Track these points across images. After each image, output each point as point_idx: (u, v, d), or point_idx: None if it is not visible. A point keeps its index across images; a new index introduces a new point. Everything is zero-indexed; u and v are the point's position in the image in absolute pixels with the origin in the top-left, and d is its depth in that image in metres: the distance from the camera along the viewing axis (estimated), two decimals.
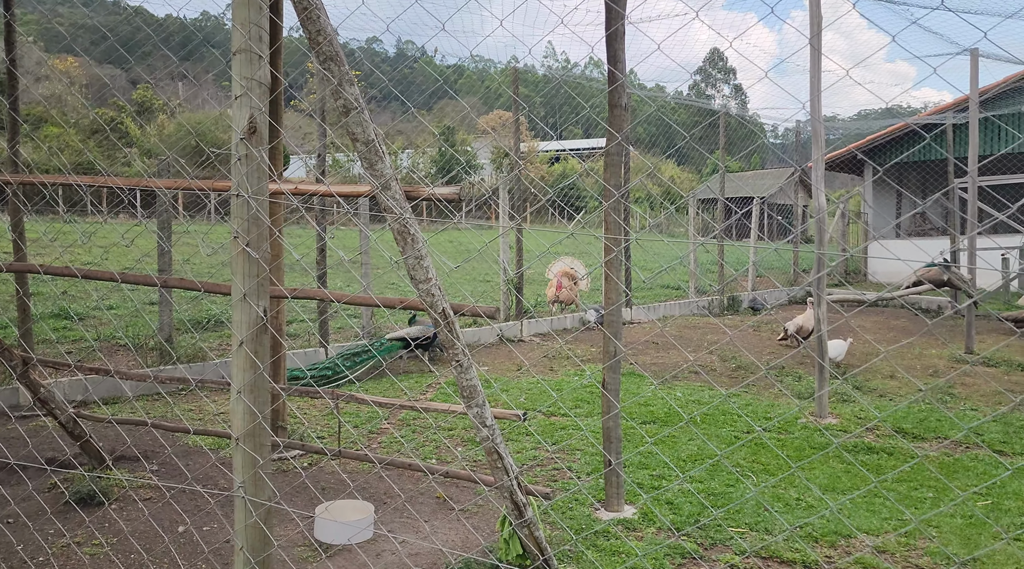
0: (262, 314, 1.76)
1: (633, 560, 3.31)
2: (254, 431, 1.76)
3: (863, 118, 26.86)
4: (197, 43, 33.77)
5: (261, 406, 1.76)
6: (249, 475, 1.75)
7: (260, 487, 1.76)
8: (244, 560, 1.76)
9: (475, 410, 2.76)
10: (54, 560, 3.12)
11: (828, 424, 5.48)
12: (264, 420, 1.77)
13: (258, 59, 1.75)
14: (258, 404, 1.76)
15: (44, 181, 3.39)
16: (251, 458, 1.75)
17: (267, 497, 1.76)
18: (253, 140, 1.74)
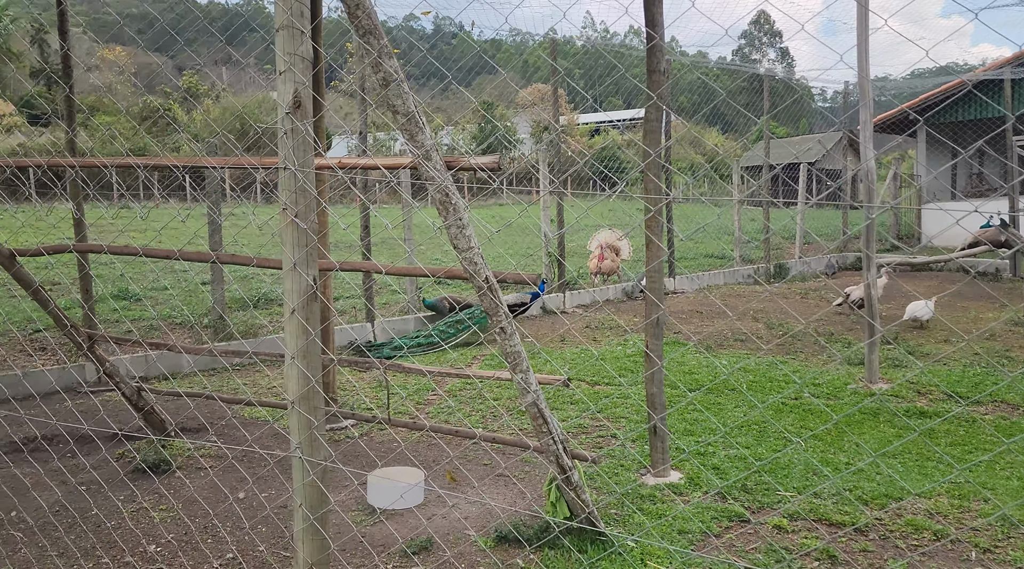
0: (312, 282, 1.83)
1: (680, 522, 3.35)
2: (308, 394, 1.84)
3: (917, 77, 25.88)
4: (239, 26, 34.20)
5: (314, 371, 1.84)
6: (305, 436, 1.83)
7: (315, 448, 1.84)
8: (303, 517, 1.84)
9: (520, 375, 2.81)
10: (129, 522, 3.30)
11: (879, 389, 5.41)
12: (317, 384, 1.85)
13: (300, 35, 1.80)
14: (311, 369, 1.83)
15: (104, 163, 3.53)
16: (306, 420, 1.83)
17: (322, 457, 1.85)
18: (298, 114, 1.80)
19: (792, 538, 3.25)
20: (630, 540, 3.18)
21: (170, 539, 3.16)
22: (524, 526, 3.21)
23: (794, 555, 3.10)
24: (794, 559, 3.07)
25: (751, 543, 3.21)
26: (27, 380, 5.03)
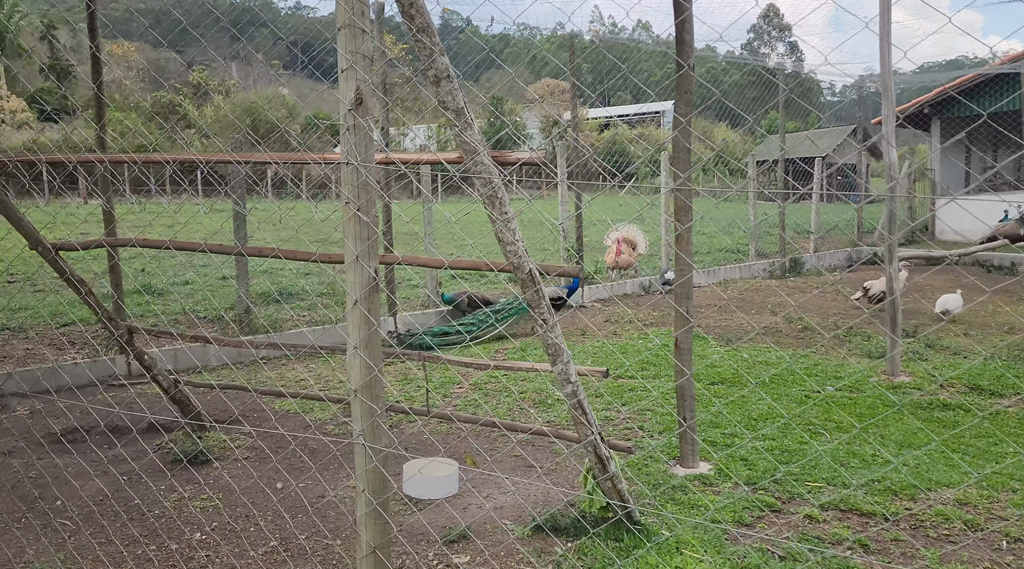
0: (373, 274, 1.88)
1: (713, 512, 3.40)
2: (371, 383, 1.89)
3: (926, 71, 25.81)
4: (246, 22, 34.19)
5: (376, 360, 1.89)
6: (368, 424, 1.88)
7: (378, 435, 1.89)
8: (366, 501, 1.90)
9: (560, 367, 2.86)
10: (167, 514, 3.37)
11: (901, 382, 5.43)
12: (380, 373, 1.90)
13: (362, 34, 1.84)
14: (373, 358, 1.89)
15: (134, 159, 3.58)
16: (369, 408, 1.88)
17: (384, 444, 1.90)
18: (360, 111, 1.84)
19: (824, 528, 3.29)
20: (664, 530, 3.23)
21: (212, 528, 3.23)
22: (560, 516, 3.27)
23: (827, 544, 3.14)
24: (827, 548, 3.11)
25: (783, 532, 3.26)
26: (60, 373, 5.11)
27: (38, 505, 3.44)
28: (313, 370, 5.97)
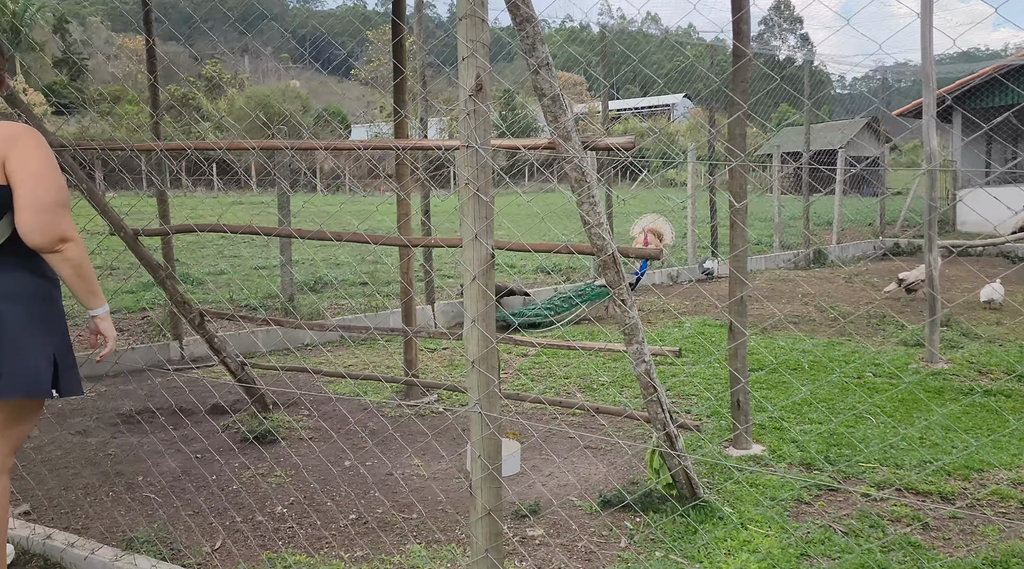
0: (491, 252, 1.98)
1: (772, 490, 3.50)
2: (487, 356, 2.00)
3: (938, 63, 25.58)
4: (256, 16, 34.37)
5: (491, 333, 2.00)
6: (484, 394, 1.99)
7: (492, 404, 2.00)
8: (482, 466, 2.01)
9: (635, 346, 2.97)
10: (243, 489, 3.49)
11: (940, 369, 5.51)
12: (495, 346, 2.01)
13: (481, 23, 1.94)
14: (489, 331, 1.99)
15: (196, 146, 3.70)
16: (485, 378, 1.99)
17: (499, 413, 2.01)
18: (480, 96, 1.94)
19: (881, 506, 3.38)
20: (727, 507, 3.33)
21: (291, 502, 3.36)
22: (626, 492, 3.37)
23: (887, 521, 3.24)
24: (888, 524, 3.21)
25: (842, 510, 3.35)
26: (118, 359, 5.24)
27: (120, 480, 3.57)
28: (359, 356, 6.10)
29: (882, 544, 3.03)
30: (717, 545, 2.98)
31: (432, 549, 2.91)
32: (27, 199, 2.13)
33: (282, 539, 3.00)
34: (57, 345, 2.25)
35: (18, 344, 2.15)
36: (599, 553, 2.92)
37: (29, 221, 2.13)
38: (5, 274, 2.18)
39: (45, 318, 2.24)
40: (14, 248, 2.18)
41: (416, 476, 3.70)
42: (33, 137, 2.18)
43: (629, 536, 3.06)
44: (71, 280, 2.23)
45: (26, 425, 2.31)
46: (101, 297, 2.34)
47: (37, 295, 2.24)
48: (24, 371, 2.15)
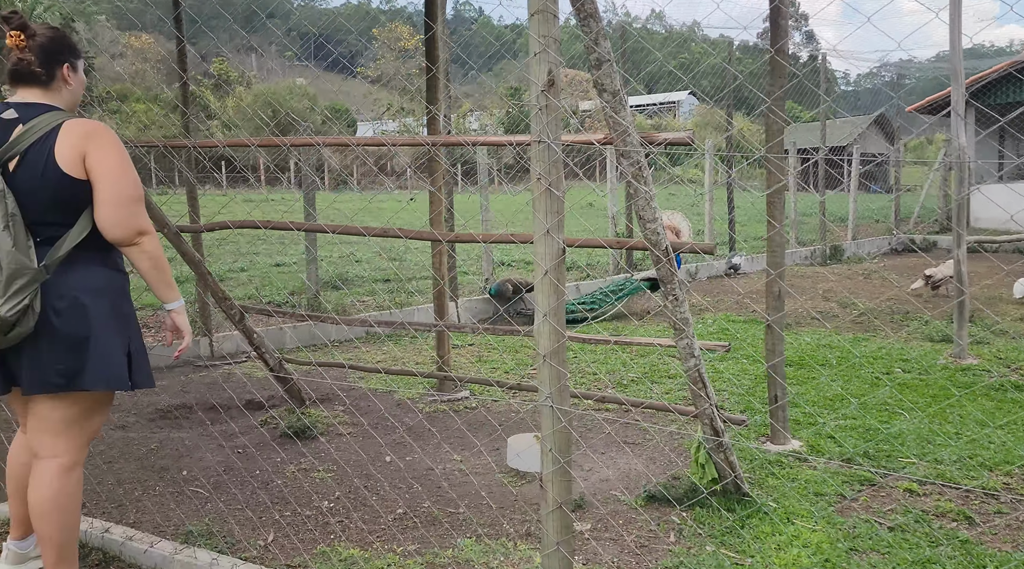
0: (562, 247, 1.99)
1: (814, 486, 3.51)
2: (558, 350, 2.01)
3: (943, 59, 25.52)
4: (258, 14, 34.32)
5: (562, 328, 2.01)
6: (555, 388, 2.00)
7: (563, 398, 2.01)
8: (553, 460, 2.02)
9: (685, 341, 2.98)
10: (288, 484, 3.51)
11: (969, 365, 5.51)
12: (565, 340, 2.02)
13: (553, 18, 1.95)
14: (560, 326, 2.00)
15: (230, 144, 3.72)
16: (557, 372, 2.00)
17: (569, 406, 2.02)
18: (552, 91, 1.95)
19: (924, 501, 3.39)
20: (771, 501, 3.34)
21: (337, 497, 3.37)
22: (671, 486, 3.38)
23: (931, 516, 3.24)
24: (932, 519, 3.21)
25: (886, 505, 3.35)
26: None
27: (166, 475, 3.59)
28: (387, 351, 6.12)
29: (929, 539, 3.03)
30: (766, 540, 2.99)
31: (483, 544, 2.93)
32: (107, 194, 2.15)
33: (333, 533, 3.02)
34: (132, 338, 2.27)
35: (102, 337, 2.17)
36: (650, 547, 2.93)
37: (110, 215, 2.16)
38: (88, 269, 2.21)
39: (123, 312, 2.27)
40: (94, 243, 2.20)
41: (457, 471, 3.72)
42: (108, 133, 2.20)
43: (678, 531, 3.07)
44: (148, 273, 2.25)
45: (100, 418, 2.33)
46: (176, 291, 2.36)
47: (117, 290, 2.27)
48: (107, 364, 2.17)
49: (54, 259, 2.16)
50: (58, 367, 2.15)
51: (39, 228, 2.18)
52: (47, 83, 2.25)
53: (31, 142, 2.15)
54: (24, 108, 2.21)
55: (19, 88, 2.26)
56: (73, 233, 2.19)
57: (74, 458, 2.26)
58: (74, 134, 2.17)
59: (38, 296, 2.12)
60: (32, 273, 2.10)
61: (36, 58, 2.21)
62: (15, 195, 2.13)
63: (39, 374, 2.15)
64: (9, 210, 2.11)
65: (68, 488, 2.24)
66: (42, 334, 2.14)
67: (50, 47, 2.24)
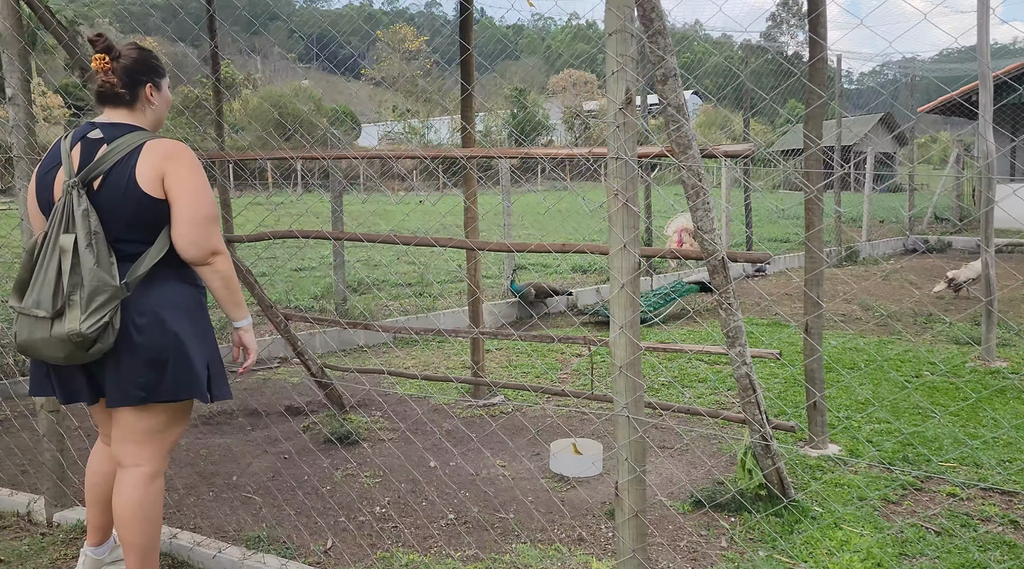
0: (638, 260, 2.03)
1: (858, 490, 3.54)
2: (634, 362, 2.05)
3: (945, 58, 25.55)
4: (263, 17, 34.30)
5: (637, 340, 2.05)
6: (632, 398, 2.04)
7: (639, 409, 2.05)
8: (629, 469, 2.06)
9: (737, 349, 3.01)
10: (337, 490, 3.56)
11: (998, 367, 5.53)
12: (640, 352, 2.06)
13: (630, 38, 1.99)
14: (635, 337, 2.04)
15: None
16: (633, 383, 2.04)
17: (645, 417, 2.06)
18: (629, 109, 1.99)
19: (969, 505, 3.42)
20: (817, 506, 3.38)
21: (388, 501, 3.42)
22: (718, 493, 3.42)
23: (976, 521, 3.27)
24: (978, 524, 3.24)
25: (930, 509, 3.39)
26: None
27: (216, 480, 3.64)
28: (415, 356, 6.16)
29: (977, 543, 3.06)
30: (816, 545, 3.03)
31: (538, 548, 2.97)
32: (185, 214, 2.20)
33: (389, 538, 3.06)
34: (210, 351, 2.32)
35: (184, 350, 2.21)
36: (703, 553, 2.97)
37: (187, 235, 2.20)
38: (167, 285, 2.25)
39: (201, 326, 2.31)
40: (172, 260, 2.25)
41: (500, 476, 3.76)
42: (188, 154, 2.25)
43: (728, 537, 3.11)
44: (219, 292, 2.29)
45: (180, 428, 2.38)
46: (245, 309, 2.40)
47: (196, 304, 2.32)
48: (187, 376, 2.22)
49: (135, 277, 2.20)
50: (139, 380, 2.19)
51: (120, 245, 2.22)
52: (131, 103, 2.30)
53: (114, 162, 2.19)
54: (109, 128, 2.26)
55: (105, 108, 2.31)
56: (153, 251, 2.23)
57: (156, 467, 2.31)
58: (155, 155, 2.21)
59: (118, 313, 2.16)
60: (112, 290, 2.14)
61: (120, 79, 2.26)
62: (98, 213, 2.18)
63: (121, 387, 2.20)
64: (92, 228, 2.16)
65: (151, 495, 2.29)
66: (123, 349, 2.18)
67: (133, 68, 2.28)
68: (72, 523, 2.97)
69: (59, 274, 2.14)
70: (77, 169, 2.21)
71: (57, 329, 2.11)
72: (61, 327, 2.11)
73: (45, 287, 2.14)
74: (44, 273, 2.16)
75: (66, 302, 2.12)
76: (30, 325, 2.15)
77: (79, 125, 2.31)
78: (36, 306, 2.13)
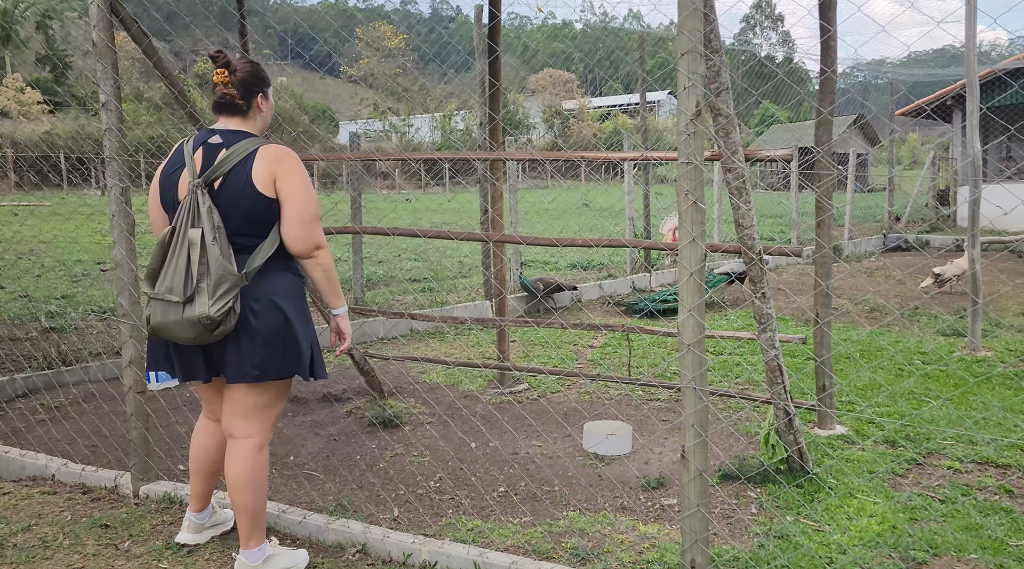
0: (705, 252, 2.33)
1: (867, 465, 3.88)
2: (699, 341, 2.35)
3: (913, 61, 26.20)
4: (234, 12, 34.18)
5: (703, 321, 2.35)
6: (698, 373, 2.33)
7: (703, 381, 2.35)
8: (695, 434, 2.36)
9: (767, 335, 3.33)
10: (390, 468, 3.82)
11: (984, 356, 5.93)
12: (704, 334, 2.35)
13: (700, 57, 2.28)
14: (701, 319, 2.34)
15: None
16: (699, 359, 2.34)
17: (709, 390, 2.36)
18: (699, 121, 2.29)
19: (968, 477, 3.77)
20: (832, 479, 3.71)
21: (440, 477, 3.69)
22: (744, 467, 3.73)
23: (975, 490, 3.62)
24: (977, 493, 3.59)
25: (933, 481, 3.73)
26: None
27: (277, 460, 3.88)
28: (434, 348, 6.42)
29: (978, 509, 3.41)
30: (836, 511, 3.35)
31: (588, 515, 3.26)
32: (294, 212, 2.45)
33: (449, 508, 3.33)
34: (312, 336, 2.58)
35: (294, 333, 2.47)
36: (736, 518, 3.28)
37: (295, 231, 2.46)
38: (277, 275, 2.51)
39: (305, 312, 2.57)
40: (281, 253, 2.50)
41: (539, 455, 4.04)
42: (294, 157, 2.50)
43: (758, 504, 3.43)
44: (321, 282, 2.55)
45: (282, 404, 2.63)
46: (343, 299, 2.67)
47: (300, 294, 2.58)
48: (295, 357, 2.48)
49: (252, 267, 2.45)
50: (254, 360, 2.45)
51: (237, 239, 2.47)
52: (245, 112, 2.55)
53: (233, 165, 2.44)
54: (227, 134, 2.51)
55: (221, 116, 2.55)
56: (267, 244, 2.49)
57: (264, 438, 2.56)
58: (268, 158, 2.47)
59: (238, 299, 2.42)
60: (235, 278, 2.39)
61: (238, 91, 2.50)
62: (219, 210, 2.43)
63: (241, 366, 2.45)
64: (216, 223, 2.41)
65: (260, 464, 2.54)
66: (242, 332, 2.44)
67: (249, 80, 2.53)
68: (159, 495, 3.20)
69: (188, 264, 2.38)
70: (200, 171, 2.45)
71: (188, 313, 2.36)
72: (192, 311, 2.35)
73: (176, 275, 2.38)
74: (175, 263, 2.40)
75: (196, 289, 2.37)
76: (163, 309, 2.39)
77: (198, 131, 2.55)
78: (169, 292, 2.38)
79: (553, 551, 2.88)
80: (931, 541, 3.06)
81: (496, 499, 3.45)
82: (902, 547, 2.97)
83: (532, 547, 2.90)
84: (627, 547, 2.95)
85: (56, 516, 3.07)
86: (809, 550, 2.94)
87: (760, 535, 3.10)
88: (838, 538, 3.07)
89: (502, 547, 2.88)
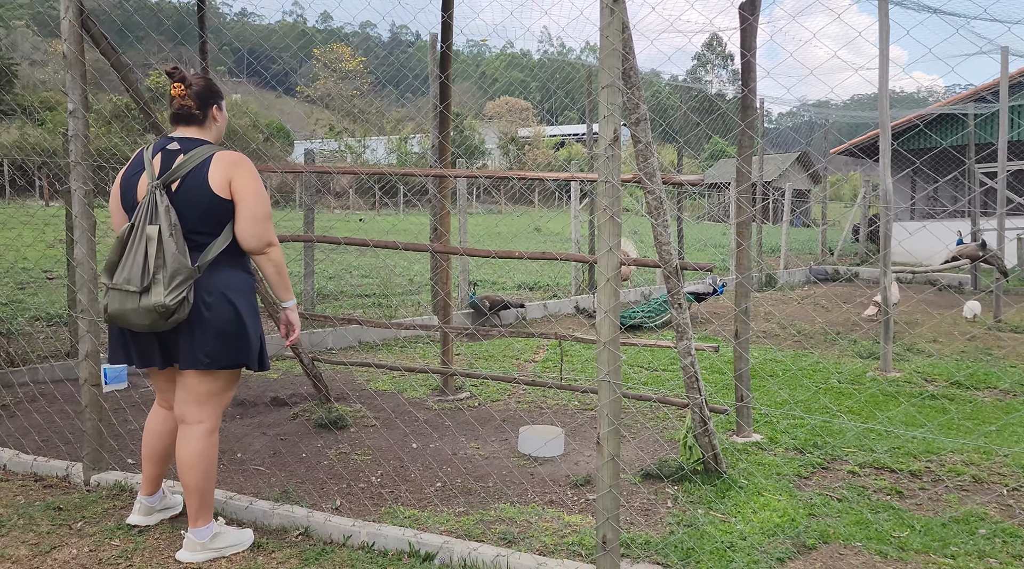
0: (620, 261, 2.65)
1: (776, 468, 4.24)
2: (614, 339, 2.66)
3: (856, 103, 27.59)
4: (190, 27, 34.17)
5: (617, 323, 2.66)
6: (612, 368, 2.64)
7: (617, 377, 2.66)
8: (608, 422, 2.66)
9: (684, 343, 3.67)
10: (336, 464, 4.02)
11: (894, 377, 6.41)
12: (619, 333, 2.67)
13: (617, 91, 2.62)
14: (616, 320, 2.66)
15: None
16: (614, 355, 2.64)
17: (620, 385, 2.66)
18: (615, 146, 2.62)
19: (865, 480, 4.15)
20: (743, 479, 4.05)
21: (383, 473, 3.91)
22: (662, 467, 4.05)
23: (870, 491, 4.00)
24: (871, 494, 3.97)
25: (834, 483, 4.10)
26: None
27: (223, 457, 4.04)
28: (382, 358, 6.62)
29: (870, 507, 3.78)
30: (743, 506, 3.68)
31: (518, 507, 3.52)
32: (248, 211, 2.70)
33: (389, 499, 3.56)
34: (259, 329, 2.81)
35: (243, 324, 2.70)
36: (653, 511, 3.58)
37: (249, 229, 2.70)
38: (229, 270, 2.74)
39: (254, 307, 2.81)
40: (233, 250, 2.74)
41: (476, 456, 4.29)
42: (248, 163, 2.76)
43: (673, 499, 3.74)
44: (272, 277, 2.79)
45: (231, 392, 2.84)
46: (292, 293, 2.91)
47: (251, 289, 2.81)
48: (244, 348, 2.71)
49: (205, 261, 2.68)
50: (206, 349, 2.67)
51: (192, 237, 2.70)
52: (203, 122, 2.80)
53: (190, 169, 2.68)
54: (185, 142, 2.75)
55: (179, 126, 2.79)
56: (219, 241, 2.72)
57: (214, 423, 2.77)
58: (224, 163, 2.71)
59: (191, 291, 2.64)
60: (189, 271, 2.62)
61: (194, 102, 2.75)
62: (176, 209, 2.66)
63: (191, 354, 2.66)
64: (173, 221, 2.64)
65: (210, 446, 2.74)
66: (195, 322, 2.66)
67: (204, 93, 2.79)
68: (111, 483, 3.35)
69: (146, 257, 2.60)
70: (158, 173, 2.68)
71: (144, 301, 2.57)
72: (148, 300, 2.57)
73: (134, 267, 2.60)
74: (133, 256, 2.62)
75: (152, 280, 2.58)
76: (121, 298, 2.60)
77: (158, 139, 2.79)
78: (127, 282, 2.59)
79: (483, 535, 3.13)
80: (823, 532, 3.40)
81: (434, 492, 3.69)
82: (796, 535, 3.31)
83: (464, 531, 3.15)
84: (551, 533, 3.22)
85: (10, 500, 3.20)
86: (714, 537, 3.25)
87: (673, 525, 3.41)
88: (741, 528, 3.39)
89: (436, 531, 3.12)
